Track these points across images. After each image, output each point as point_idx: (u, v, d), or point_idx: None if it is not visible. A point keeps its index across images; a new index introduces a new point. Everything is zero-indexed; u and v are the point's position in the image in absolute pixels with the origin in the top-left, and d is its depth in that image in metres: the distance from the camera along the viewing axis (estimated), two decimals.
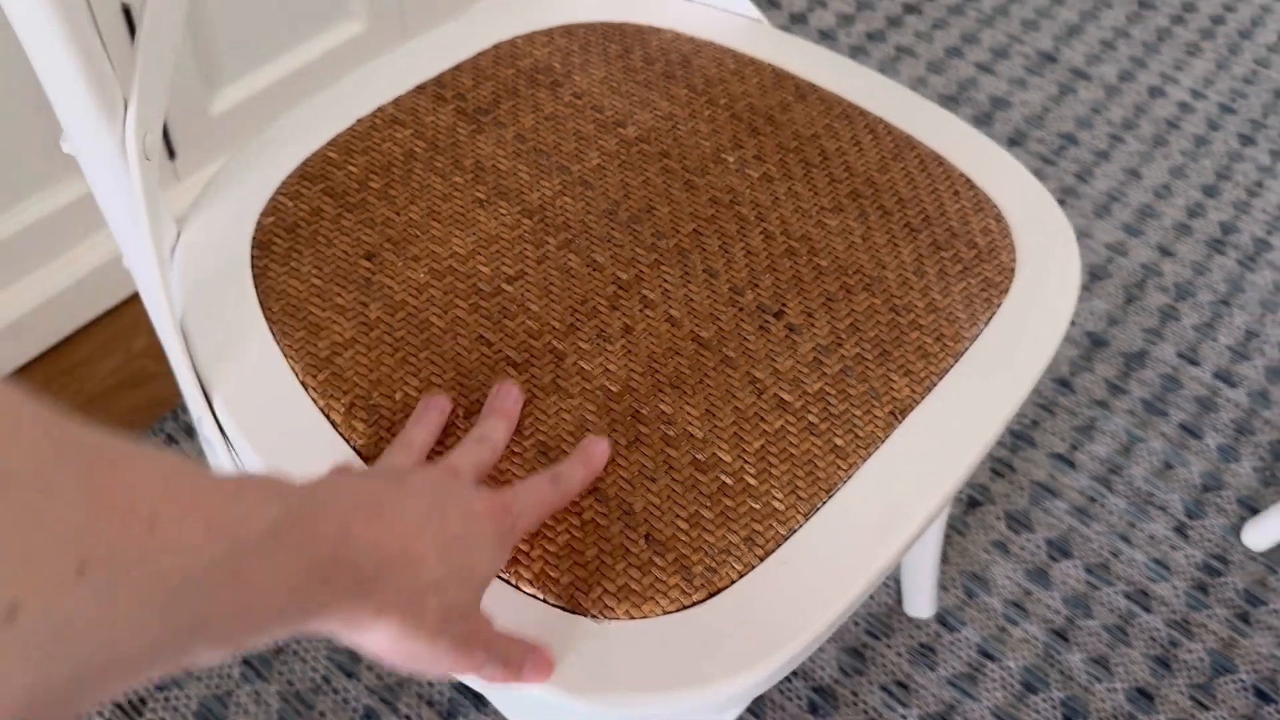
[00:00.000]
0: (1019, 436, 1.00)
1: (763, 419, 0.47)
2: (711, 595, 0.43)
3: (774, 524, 0.45)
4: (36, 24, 0.39)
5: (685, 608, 0.42)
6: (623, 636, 0.42)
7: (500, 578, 0.43)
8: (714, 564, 0.43)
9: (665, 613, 0.42)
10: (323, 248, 0.52)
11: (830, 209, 0.56)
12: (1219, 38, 1.39)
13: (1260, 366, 1.08)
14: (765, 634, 0.42)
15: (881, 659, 0.87)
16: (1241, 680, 0.89)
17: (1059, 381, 1.04)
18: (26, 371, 0.96)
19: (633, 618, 0.42)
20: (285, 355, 0.49)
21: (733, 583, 0.43)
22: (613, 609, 0.42)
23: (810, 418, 0.48)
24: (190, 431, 0.93)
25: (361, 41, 1.10)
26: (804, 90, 0.61)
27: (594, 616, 0.42)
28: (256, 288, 0.51)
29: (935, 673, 0.86)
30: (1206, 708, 0.87)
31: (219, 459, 0.52)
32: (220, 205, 0.54)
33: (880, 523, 0.45)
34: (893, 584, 0.90)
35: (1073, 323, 1.09)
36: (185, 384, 0.49)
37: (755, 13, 0.65)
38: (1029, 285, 0.54)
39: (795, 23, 1.33)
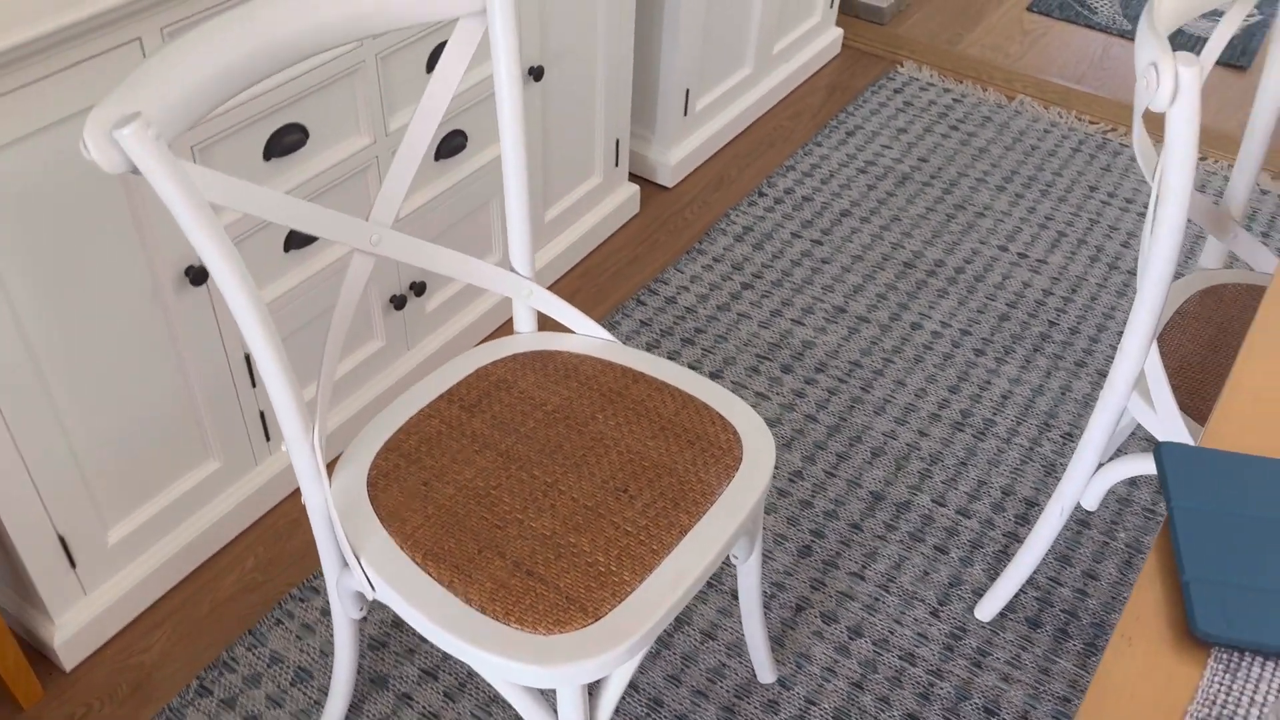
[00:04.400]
0: (828, 563, 1.54)
1: (619, 540, 1.01)
2: (597, 620, 0.95)
3: (625, 586, 0.98)
4: (281, 392, 0.95)
5: (584, 626, 0.95)
6: (556, 641, 0.94)
7: (486, 614, 0.95)
8: (596, 606, 0.96)
9: (577, 629, 0.94)
10: (401, 482, 1.07)
11: (650, 436, 1.12)
12: (960, 284, 2.03)
13: (987, 504, 1.63)
14: (622, 634, 0.94)
15: (744, 712, 1.36)
16: (976, 704, 1.39)
17: (852, 526, 1.59)
18: (179, 589, 1.47)
19: (562, 633, 0.94)
20: (389, 534, 1.02)
21: (606, 614, 0.96)
22: (551, 629, 0.94)
23: (642, 537, 1.02)
24: (290, 615, 1.44)
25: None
26: (637, 377, 1.19)
27: (541, 633, 0.94)
28: (371, 504, 1.05)
29: (778, 717, 1.36)
30: None
31: (346, 607, 1.04)
32: (346, 470, 1.09)
33: (674, 581, 0.99)
34: (749, 663, 1.40)
35: (858, 485, 1.64)
36: (346, 554, 1.01)
37: (609, 335, 1.24)
38: (748, 467, 1.09)
39: (671, 303, 1.94)
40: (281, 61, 0.93)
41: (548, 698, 1.33)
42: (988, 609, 1.47)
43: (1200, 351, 1.27)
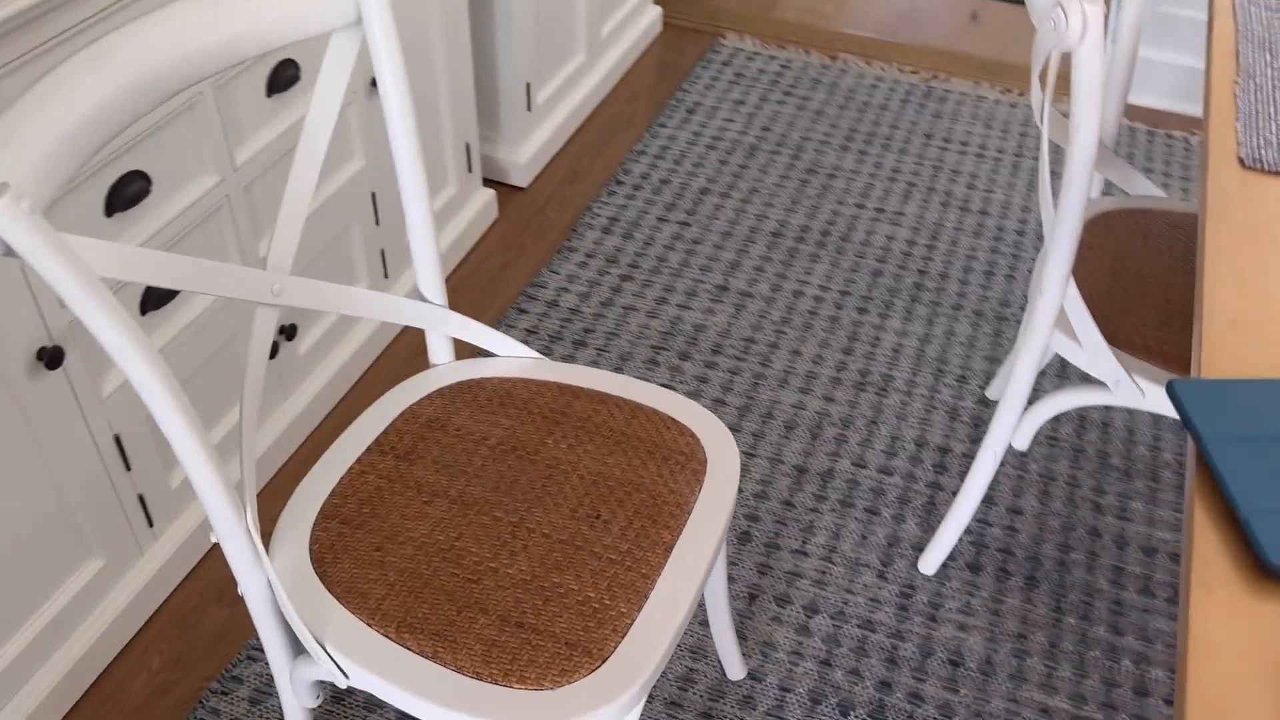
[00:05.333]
0: (770, 545, 1.51)
1: (605, 570, 0.94)
2: (604, 661, 0.88)
3: (624, 619, 0.91)
4: (213, 493, 0.83)
5: (593, 671, 0.88)
6: (566, 694, 0.86)
7: (483, 680, 0.87)
8: (600, 646, 0.89)
9: (586, 675, 0.87)
10: (350, 551, 0.96)
11: (607, 453, 1.05)
12: (828, 246, 2.05)
13: (905, 459, 1.65)
14: (634, 670, 0.88)
15: (722, 713, 1.32)
16: (941, 657, 1.40)
17: (784, 503, 1.57)
18: (79, 708, 1.29)
19: (571, 683, 0.87)
20: (351, 612, 0.92)
21: (613, 653, 0.89)
22: (559, 681, 0.87)
23: (628, 563, 0.95)
24: (216, 713, 1.29)
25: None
26: (576, 392, 1.12)
27: (549, 688, 0.87)
28: (323, 582, 0.94)
29: (756, 711, 1.32)
30: (922, 680, 1.37)
31: (301, 698, 0.93)
32: (283, 548, 0.97)
33: (672, 602, 0.93)
34: (717, 662, 1.36)
35: (781, 461, 1.63)
36: (306, 641, 0.90)
37: (536, 354, 1.16)
38: (715, 467, 1.05)
39: (553, 307, 1.87)
40: (152, 99, 0.80)
41: None
42: (931, 562, 1.49)
43: (1105, 281, 1.30)
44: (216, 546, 1.48)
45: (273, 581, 0.91)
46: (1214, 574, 0.64)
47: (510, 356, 1.16)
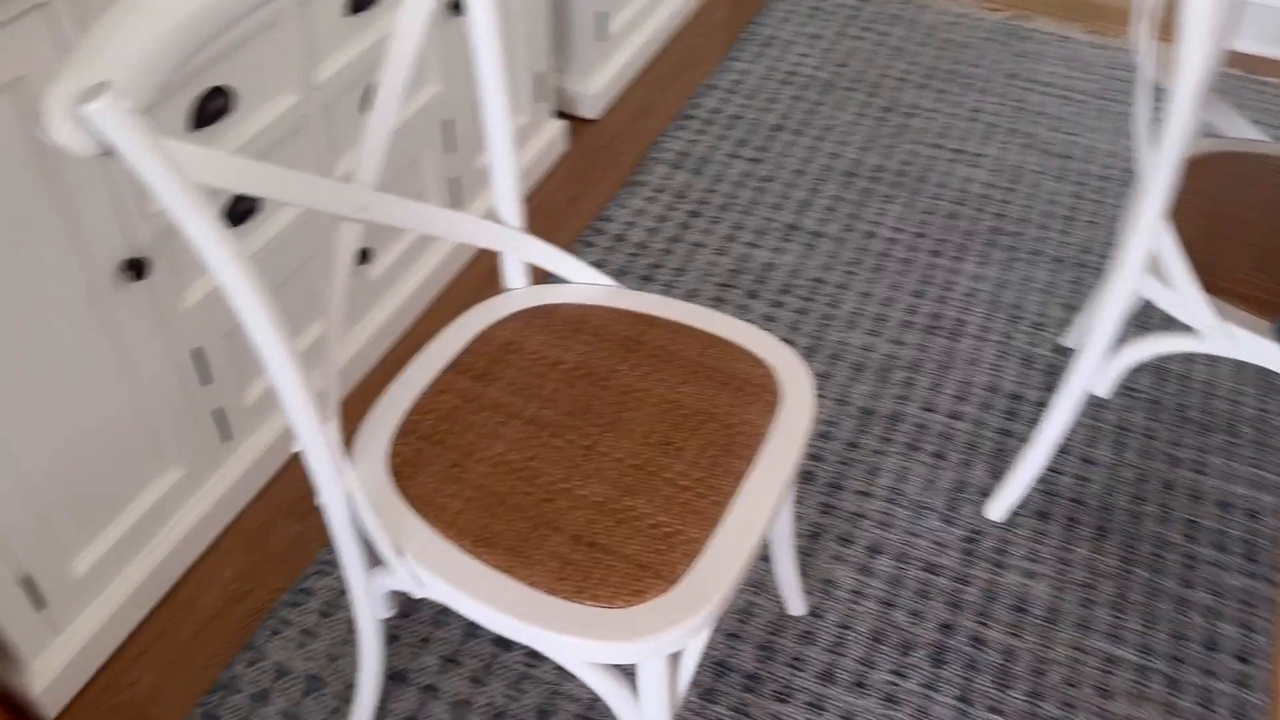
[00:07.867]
0: (833, 485, 1.51)
1: (677, 496, 0.95)
2: (675, 584, 0.89)
3: (695, 544, 0.91)
4: (297, 401, 0.84)
5: (664, 593, 0.88)
6: (637, 613, 0.87)
7: (556, 596, 0.87)
8: (671, 569, 0.90)
9: (657, 596, 0.88)
10: (428, 467, 0.97)
11: (680, 382, 1.05)
12: (904, 188, 2.00)
13: (975, 404, 1.63)
14: (704, 595, 0.88)
15: (781, 647, 1.33)
16: (1006, 603, 1.39)
17: (849, 444, 1.56)
18: (157, 612, 1.34)
19: (643, 603, 0.88)
20: (429, 524, 0.93)
21: (683, 576, 0.89)
22: (630, 601, 0.88)
23: (700, 489, 0.95)
24: (287, 623, 1.33)
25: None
26: (651, 321, 1.11)
27: (619, 607, 0.87)
28: (402, 495, 0.95)
29: (816, 646, 1.33)
30: (987, 626, 1.36)
31: (375, 609, 0.94)
32: (363, 462, 0.98)
33: (743, 530, 0.93)
34: (777, 597, 1.37)
35: (846, 402, 1.61)
36: (386, 551, 0.92)
37: (611, 281, 1.15)
38: (789, 400, 1.04)
39: (620, 241, 1.86)
40: (244, 4, 0.80)
41: (624, 672, 1.27)
42: (999, 507, 1.47)
43: (1200, 224, 1.26)
44: (289, 464, 1.51)
45: (353, 491, 0.93)
46: None
47: (585, 283, 1.16)
